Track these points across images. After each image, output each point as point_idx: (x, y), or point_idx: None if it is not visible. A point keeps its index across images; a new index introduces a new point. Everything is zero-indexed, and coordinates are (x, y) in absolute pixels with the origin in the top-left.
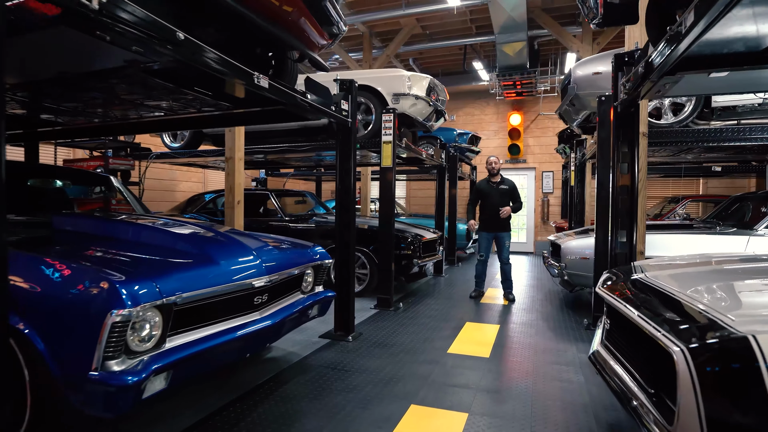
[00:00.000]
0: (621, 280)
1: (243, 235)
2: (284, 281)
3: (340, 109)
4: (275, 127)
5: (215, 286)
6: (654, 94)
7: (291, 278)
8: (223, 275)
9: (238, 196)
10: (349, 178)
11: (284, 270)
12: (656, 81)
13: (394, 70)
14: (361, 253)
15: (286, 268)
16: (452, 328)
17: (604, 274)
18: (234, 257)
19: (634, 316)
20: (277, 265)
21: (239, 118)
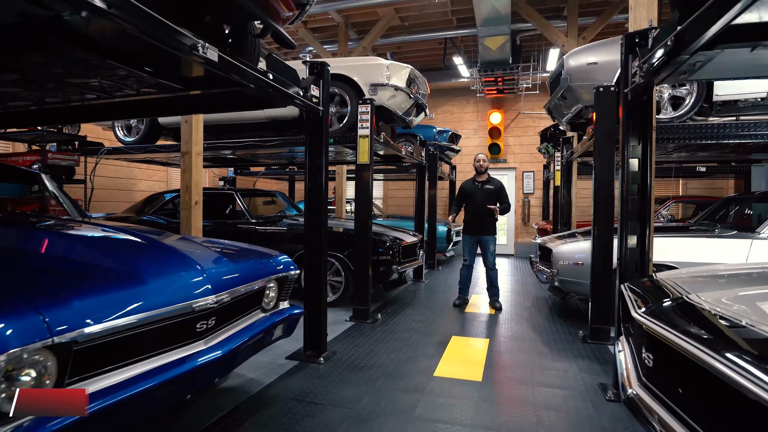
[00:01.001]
0: (666, 304)
1: (190, 242)
2: (239, 299)
3: (309, 96)
4: (241, 120)
5: (139, 313)
6: (676, 77)
7: (248, 295)
8: (151, 298)
9: (196, 195)
10: (320, 175)
11: (238, 285)
12: (688, 58)
13: (372, 58)
14: (335, 258)
15: (241, 282)
16: (437, 344)
17: (625, 290)
18: (169, 273)
19: (724, 368)
20: (228, 280)
21: (191, 103)
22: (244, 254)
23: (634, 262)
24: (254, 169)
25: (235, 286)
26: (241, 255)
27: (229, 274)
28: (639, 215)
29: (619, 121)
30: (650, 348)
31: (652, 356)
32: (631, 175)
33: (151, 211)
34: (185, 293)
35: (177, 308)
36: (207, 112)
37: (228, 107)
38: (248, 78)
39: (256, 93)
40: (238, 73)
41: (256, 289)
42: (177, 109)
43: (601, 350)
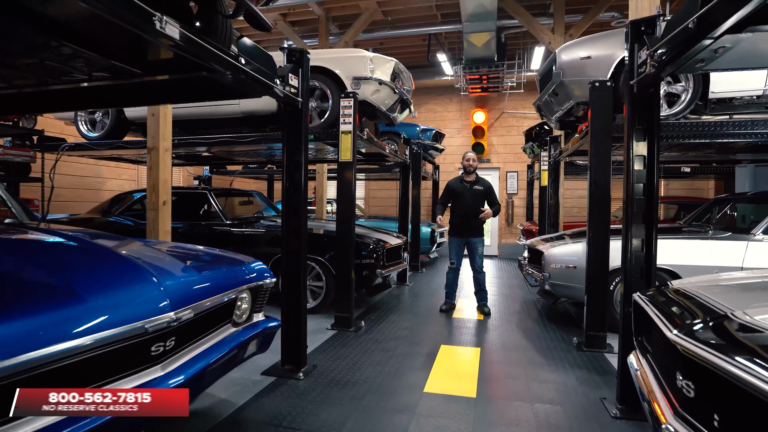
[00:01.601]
0: (710, 324)
1: (150, 249)
2: (205, 314)
3: (287, 85)
4: (216, 115)
5: (72, 339)
6: (692, 66)
7: (217, 308)
8: (90, 320)
9: (164, 195)
10: (299, 173)
11: (204, 298)
12: (711, 42)
13: (355, 50)
14: (315, 262)
15: (207, 295)
16: (426, 355)
17: (644, 302)
18: (117, 288)
19: None
20: (192, 293)
21: (155, 92)
22: (213, 261)
23: (639, 267)
24: (231, 168)
25: (199, 299)
26: (209, 262)
27: (192, 285)
28: (644, 217)
29: (614, 117)
30: (690, 375)
31: (694, 386)
32: (636, 173)
33: (118, 212)
34: (136, 311)
35: (125, 330)
36: (173, 102)
37: (197, 97)
38: (216, 61)
39: (227, 80)
40: (203, 54)
41: (226, 301)
42: (139, 99)
43: (598, 359)
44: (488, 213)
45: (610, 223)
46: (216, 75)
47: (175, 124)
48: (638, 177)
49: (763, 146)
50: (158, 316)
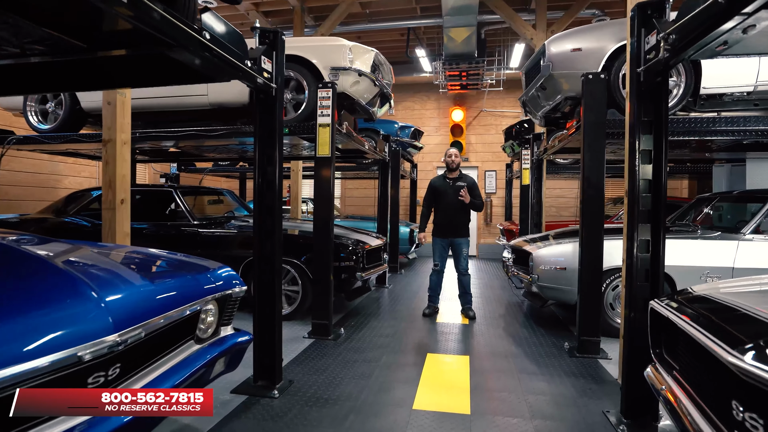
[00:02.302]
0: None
1: (96, 256)
2: (160, 332)
3: (260, 69)
4: (182, 107)
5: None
6: (711, 50)
7: (175, 323)
8: (3, 350)
9: (122, 193)
10: (273, 168)
11: (158, 314)
12: (744, 18)
13: (333, 39)
14: (290, 265)
15: (162, 309)
16: (412, 365)
17: (671, 312)
18: (42, 308)
19: None
20: (142, 309)
21: (106, 74)
22: (172, 269)
23: (645, 270)
24: (200, 165)
25: (153, 315)
26: (168, 270)
27: (144, 299)
28: (650, 217)
29: (606, 112)
30: (756, 407)
31: (763, 421)
32: (642, 169)
33: (74, 212)
34: (67, 336)
35: (49, 362)
36: (129, 86)
37: (156, 80)
38: (176, 35)
39: (190, 60)
40: (161, 26)
41: (188, 314)
42: (89, 82)
43: (593, 366)
44: (465, 196)
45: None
46: (176, 52)
47: (137, 117)
48: (644, 173)
49: (743, 145)
50: (97, 340)
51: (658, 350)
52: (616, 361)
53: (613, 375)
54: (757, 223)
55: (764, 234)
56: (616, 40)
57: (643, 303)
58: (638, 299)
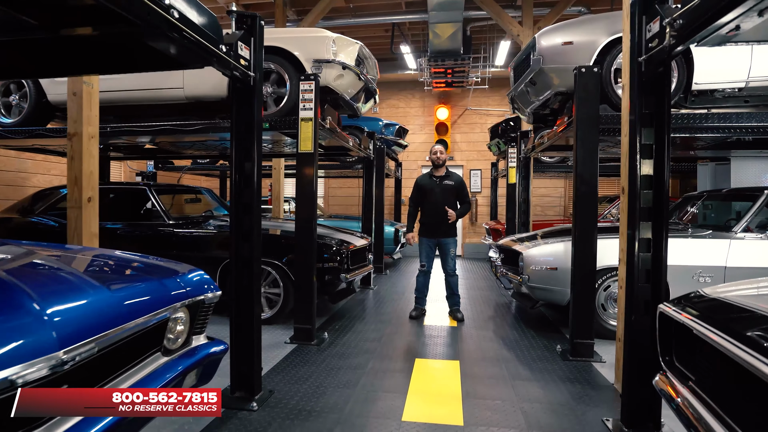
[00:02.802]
0: None
1: (53, 257)
2: (118, 346)
3: (236, 56)
4: (157, 100)
5: None
6: (723, 34)
7: (138, 335)
8: None
9: (89, 191)
10: (251, 163)
11: (114, 326)
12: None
13: (316, 30)
14: (271, 267)
15: (119, 320)
16: (400, 372)
17: (689, 317)
18: None
19: None
20: (94, 321)
21: (65, 58)
22: (136, 273)
23: (645, 270)
24: (179, 164)
25: (107, 327)
26: (130, 275)
27: (97, 309)
28: (652, 215)
29: (599, 107)
30: None
31: None
32: (644, 164)
33: (41, 211)
34: None
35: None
36: (91, 73)
37: (123, 66)
38: (138, 9)
39: (156, 40)
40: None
41: (154, 324)
42: (47, 67)
43: (587, 370)
44: (452, 214)
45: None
46: (139, 31)
47: (109, 111)
48: (645, 168)
49: (728, 143)
50: (37, 359)
51: (668, 358)
52: (610, 365)
53: (609, 379)
54: (748, 222)
55: (755, 232)
56: (608, 33)
57: (644, 305)
58: (639, 302)
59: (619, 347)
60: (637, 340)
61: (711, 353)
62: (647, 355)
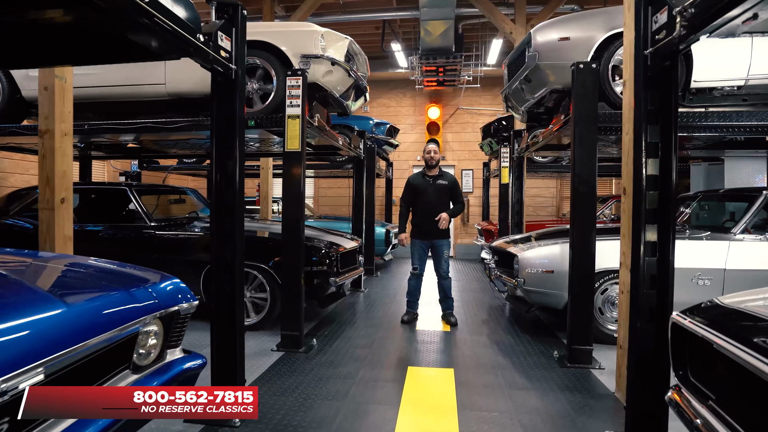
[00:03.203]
0: None
1: (9, 264)
2: (75, 367)
3: (216, 47)
4: (138, 97)
5: None
6: (738, 24)
7: (101, 353)
8: None
9: (63, 191)
10: (233, 161)
11: (66, 348)
12: None
13: (303, 24)
14: (257, 270)
15: (77, 338)
16: (392, 381)
17: (715, 334)
18: None
19: None
20: (41, 342)
21: (29, 47)
22: (102, 283)
23: (650, 276)
24: (165, 163)
25: (60, 348)
26: (94, 285)
27: (47, 328)
28: (657, 217)
29: (597, 104)
30: None
31: None
32: (650, 164)
33: (16, 212)
34: None
35: None
36: (60, 64)
37: (94, 57)
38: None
39: (125, 26)
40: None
41: (121, 339)
42: (11, 57)
43: (586, 378)
44: (444, 218)
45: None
46: (105, 16)
47: (88, 108)
48: (651, 168)
49: (722, 143)
50: None
51: (682, 372)
52: (609, 372)
53: (609, 388)
54: (747, 223)
55: (754, 234)
56: (605, 29)
57: (648, 312)
58: (644, 308)
59: (620, 354)
60: (642, 349)
61: (735, 370)
62: (652, 365)
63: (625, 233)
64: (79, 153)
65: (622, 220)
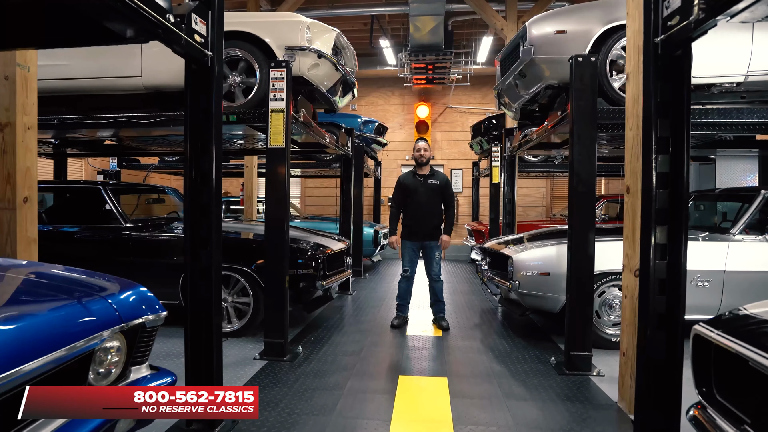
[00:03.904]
0: None
1: None
2: (15, 392)
3: (190, 31)
4: (111, 89)
5: None
6: (760, 7)
7: (45, 375)
8: None
9: (25, 189)
10: (209, 157)
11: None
12: None
13: (288, 14)
14: (240, 273)
15: (10, 364)
16: (382, 392)
17: (755, 353)
18: None
19: None
20: None
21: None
22: (53, 295)
23: (659, 280)
24: (146, 161)
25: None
26: (43, 299)
27: None
28: (668, 217)
29: (596, 99)
30: None
31: None
32: (660, 161)
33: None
34: None
35: None
36: (20, 46)
37: (55, 39)
38: None
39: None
40: None
41: (70, 360)
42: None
43: (586, 385)
44: (446, 240)
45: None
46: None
47: (58, 102)
48: (661, 165)
49: (714, 142)
50: None
51: (706, 389)
52: (609, 379)
53: (611, 396)
54: (745, 224)
55: (753, 234)
56: (603, 22)
57: (657, 319)
58: (653, 315)
59: (624, 362)
60: (652, 359)
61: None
62: (663, 377)
63: (629, 234)
64: (53, 150)
65: (625, 220)
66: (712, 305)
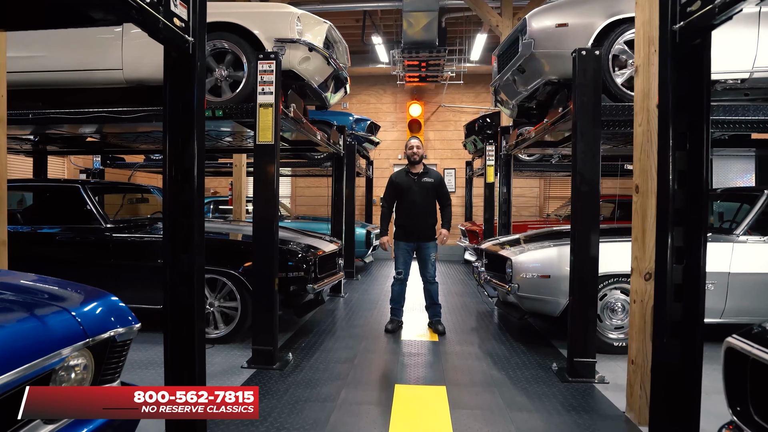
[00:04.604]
0: None
1: None
2: None
3: (168, 13)
4: (91, 83)
5: None
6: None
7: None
8: None
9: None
10: (190, 153)
11: None
12: None
13: (278, 5)
14: (226, 276)
15: None
16: (377, 403)
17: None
18: None
19: None
20: None
21: None
22: (4, 309)
23: (674, 286)
24: (131, 160)
25: None
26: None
27: None
28: (685, 218)
29: (601, 94)
30: None
31: None
32: (678, 158)
33: None
34: None
35: None
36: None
37: (22, 21)
38: None
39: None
40: None
41: (20, 385)
42: None
43: (591, 393)
44: (445, 234)
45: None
46: None
47: (36, 96)
48: (679, 162)
49: (711, 142)
50: None
51: (741, 408)
52: (615, 386)
53: (618, 405)
54: (749, 224)
55: (757, 235)
56: (605, 15)
57: (671, 327)
58: (668, 323)
59: (632, 370)
60: (666, 370)
61: None
62: (677, 387)
63: (638, 236)
64: (32, 147)
65: (634, 221)
66: (716, 308)
